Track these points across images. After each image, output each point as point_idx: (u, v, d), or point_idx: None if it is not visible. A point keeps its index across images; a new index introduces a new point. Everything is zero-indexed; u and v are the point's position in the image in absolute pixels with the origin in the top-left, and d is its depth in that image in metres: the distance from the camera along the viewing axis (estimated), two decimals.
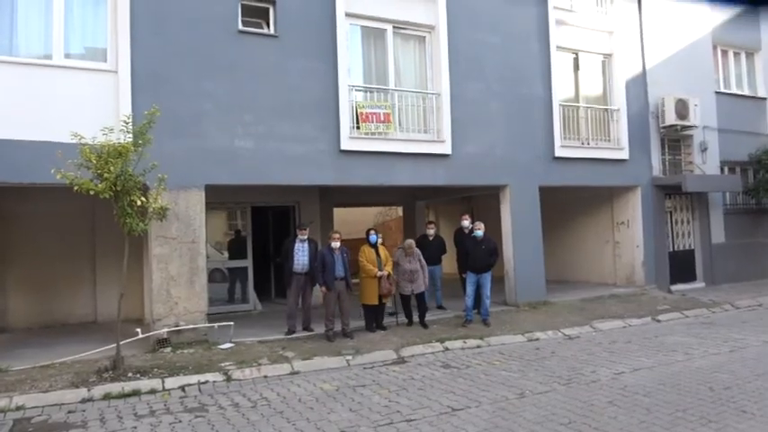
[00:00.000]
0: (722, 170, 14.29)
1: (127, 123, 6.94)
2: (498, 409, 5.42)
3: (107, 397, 6.05)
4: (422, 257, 9.39)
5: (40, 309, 10.09)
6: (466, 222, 10.47)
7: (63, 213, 9.97)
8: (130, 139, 6.82)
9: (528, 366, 7.09)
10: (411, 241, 9.63)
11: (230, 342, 8.22)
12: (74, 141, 6.62)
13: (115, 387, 6.24)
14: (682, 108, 12.84)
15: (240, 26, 8.91)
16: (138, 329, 7.90)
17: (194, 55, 8.54)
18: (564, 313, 10.38)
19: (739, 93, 14.94)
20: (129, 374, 6.64)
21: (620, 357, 7.42)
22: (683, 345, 8.07)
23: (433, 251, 10.58)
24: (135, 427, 5.20)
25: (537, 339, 8.72)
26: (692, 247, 13.96)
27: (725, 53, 14.92)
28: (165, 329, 8.00)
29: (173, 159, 7.95)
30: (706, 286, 13.56)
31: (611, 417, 5.11)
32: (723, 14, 14.57)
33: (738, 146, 14.30)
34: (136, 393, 6.17)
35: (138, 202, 6.87)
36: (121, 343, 7.01)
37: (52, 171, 6.49)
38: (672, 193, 13.46)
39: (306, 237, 9.18)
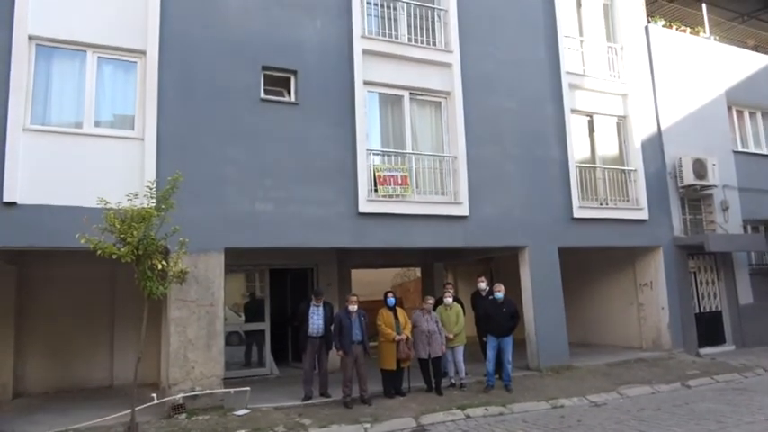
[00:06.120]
0: (745, 229, 14.06)
1: (151, 189, 7.13)
2: None
3: None
4: (439, 321, 9.27)
5: (57, 373, 10.02)
6: (482, 285, 10.33)
7: (83, 277, 10.03)
8: (154, 204, 6.98)
9: None
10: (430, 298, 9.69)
11: (246, 408, 8.06)
12: (99, 206, 6.79)
13: None
14: (699, 168, 12.82)
15: (262, 94, 9.24)
16: (154, 395, 7.82)
17: (218, 122, 8.83)
18: (589, 378, 10.05)
19: (758, 152, 14.92)
20: None
21: (649, 426, 7.12)
22: (715, 412, 7.73)
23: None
24: None
25: (562, 406, 8.42)
26: (720, 309, 13.57)
27: (740, 113, 15.03)
28: (181, 395, 7.90)
29: (194, 223, 8.08)
30: (736, 349, 13.10)
31: None
32: (736, 76, 14.76)
33: (761, 204, 14.18)
34: None
35: (159, 266, 6.96)
36: (136, 409, 6.93)
37: (77, 236, 6.61)
38: (695, 254, 13.22)
39: (321, 302, 9.15)
